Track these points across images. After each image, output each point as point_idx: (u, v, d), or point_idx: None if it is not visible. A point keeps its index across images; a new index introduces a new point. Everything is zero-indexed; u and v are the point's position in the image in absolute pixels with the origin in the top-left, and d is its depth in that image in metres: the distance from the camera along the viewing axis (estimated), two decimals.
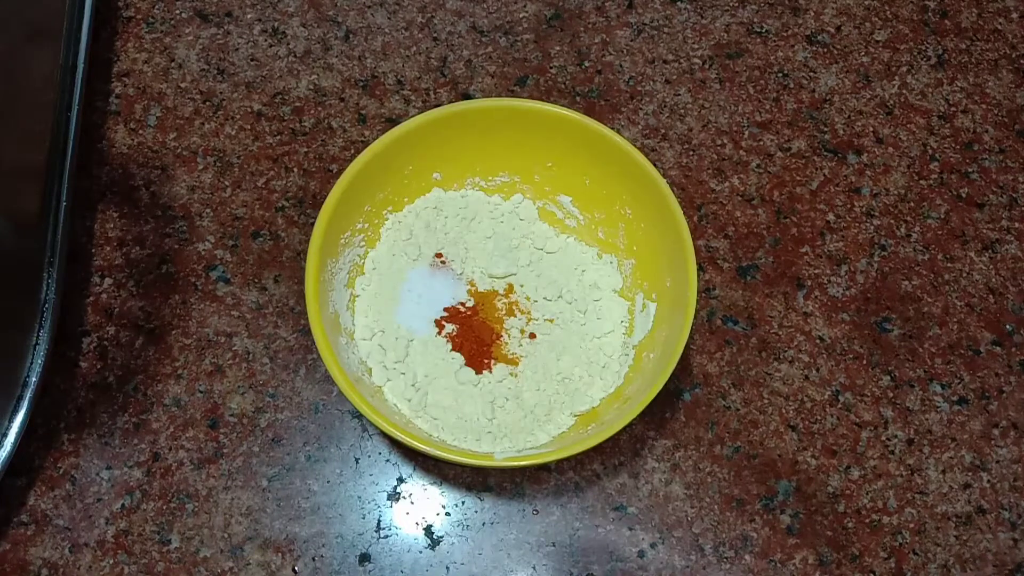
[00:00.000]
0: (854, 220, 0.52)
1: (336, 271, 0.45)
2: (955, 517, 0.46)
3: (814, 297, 0.50)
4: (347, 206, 0.44)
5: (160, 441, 0.45)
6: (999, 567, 0.45)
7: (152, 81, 0.54)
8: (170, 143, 0.52)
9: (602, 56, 0.55)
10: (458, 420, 0.44)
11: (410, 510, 0.45)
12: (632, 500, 0.45)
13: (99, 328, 0.48)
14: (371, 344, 0.45)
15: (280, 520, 0.44)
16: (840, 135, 0.54)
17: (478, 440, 0.43)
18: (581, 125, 0.45)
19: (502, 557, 0.44)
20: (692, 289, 0.42)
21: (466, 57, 0.55)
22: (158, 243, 0.50)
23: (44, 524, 0.44)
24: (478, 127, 0.47)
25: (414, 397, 0.44)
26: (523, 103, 0.46)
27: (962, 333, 0.49)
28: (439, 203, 0.49)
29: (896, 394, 0.48)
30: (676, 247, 0.43)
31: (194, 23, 0.55)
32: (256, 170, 0.52)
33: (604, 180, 0.47)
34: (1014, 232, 0.52)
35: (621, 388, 0.44)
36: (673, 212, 0.43)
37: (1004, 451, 0.47)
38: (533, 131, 0.47)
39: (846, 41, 0.57)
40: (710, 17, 0.57)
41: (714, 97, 0.54)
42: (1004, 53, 0.57)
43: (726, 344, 0.48)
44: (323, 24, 0.55)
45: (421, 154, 0.47)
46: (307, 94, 0.54)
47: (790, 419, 0.47)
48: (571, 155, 0.47)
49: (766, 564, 0.44)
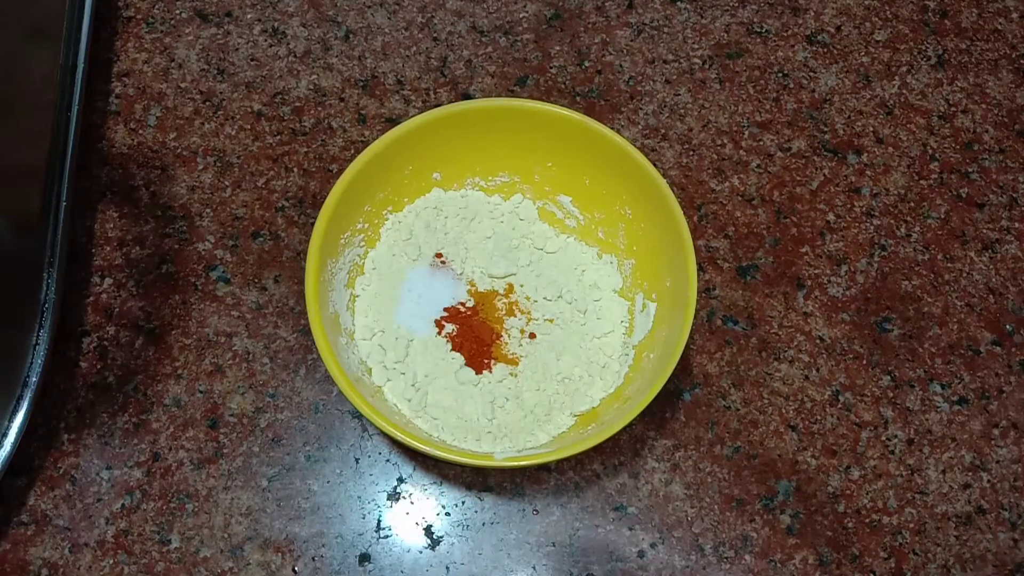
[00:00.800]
0: (854, 220, 0.52)
1: (336, 271, 0.45)
2: (955, 517, 0.46)
3: (814, 297, 0.50)
4: (347, 206, 0.44)
5: (160, 441, 0.45)
6: (999, 567, 0.45)
7: (152, 81, 0.54)
8: (170, 143, 0.52)
9: (602, 56, 0.55)
10: (458, 420, 0.44)
11: (410, 510, 0.45)
12: (632, 500, 0.45)
13: (99, 328, 0.48)
14: (371, 344, 0.45)
15: (280, 520, 0.44)
16: (840, 135, 0.54)
17: (478, 440, 0.43)
18: (581, 125, 0.45)
19: (502, 557, 0.44)
20: (692, 289, 0.42)
21: (466, 57, 0.55)
22: (158, 243, 0.50)
23: (44, 524, 0.44)
24: (478, 127, 0.47)
25: (414, 397, 0.44)
26: (523, 103, 0.46)
27: (962, 333, 0.49)
28: (439, 203, 0.49)
29: (896, 394, 0.48)
30: (676, 247, 0.43)
31: (194, 23, 0.55)
32: (256, 170, 0.52)
33: (604, 180, 0.47)
34: (1014, 232, 0.52)
35: (621, 388, 0.44)
36: (673, 212, 0.43)
37: (1004, 451, 0.47)
38: (533, 131, 0.47)
39: (846, 41, 0.57)
40: (710, 17, 0.57)
41: (714, 97, 0.54)
42: (1004, 53, 0.57)
43: (726, 344, 0.48)
44: (323, 24, 0.55)
45: (421, 154, 0.47)
46: (307, 94, 0.54)
47: (790, 419, 0.47)
48: (571, 155, 0.47)
49: (766, 564, 0.44)
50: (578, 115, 0.45)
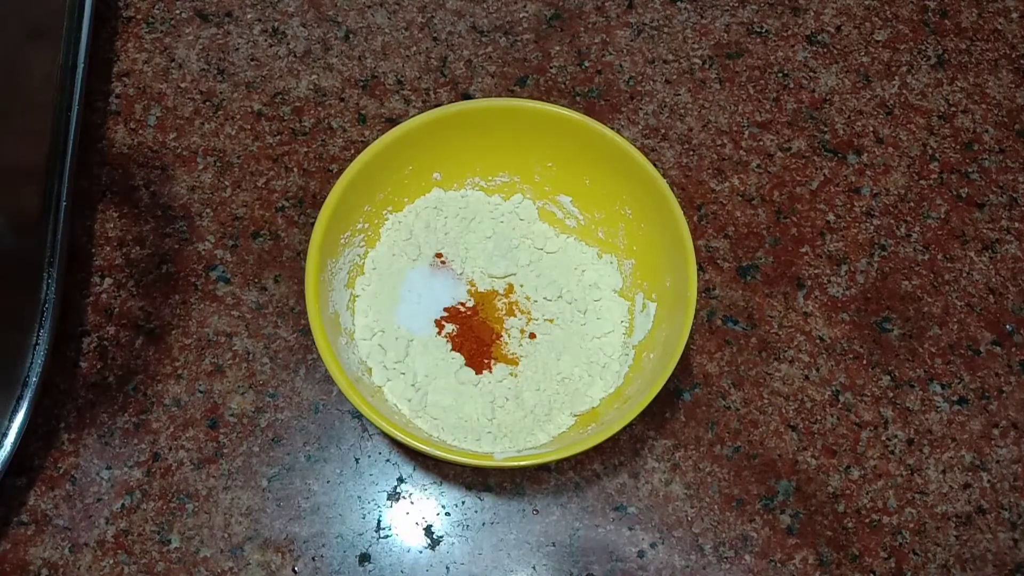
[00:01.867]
0: (854, 220, 0.52)
1: (336, 271, 0.45)
2: (955, 517, 0.46)
3: (814, 297, 0.50)
4: (347, 206, 0.44)
5: (160, 441, 0.45)
6: (999, 567, 0.45)
7: (152, 81, 0.54)
8: (170, 143, 0.52)
9: (602, 56, 0.55)
10: (458, 420, 0.44)
11: (410, 510, 0.45)
12: (632, 500, 0.45)
13: (99, 328, 0.48)
14: (371, 344, 0.45)
15: (280, 520, 0.44)
16: (840, 135, 0.54)
17: (478, 440, 0.43)
18: (581, 125, 0.45)
19: (502, 557, 0.44)
20: (692, 289, 0.42)
21: (466, 57, 0.55)
22: (158, 243, 0.50)
23: (44, 524, 0.44)
24: (478, 127, 0.47)
25: (414, 397, 0.44)
26: (523, 103, 0.46)
27: (962, 333, 0.49)
28: (439, 203, 0.49)
29: (896, 394, 0.48)
30: (676, 247, 0.43)
31: (194, 23, 0.55)
32: (256, 170, 0.52)
33: (604, 180, 0.47)
34: (1014, 232, 0.52)
35: (621, 388, 0.44)
36: (673, 212, 0.43)
37: (1004, 451, 0.47)
38: (533, 131, 0.47)
39: (846, 41, 0.57)
40: (710, 17, 0.57)
41: (714, 97, 0.54)
42: (1004, 53, 0.57)
43: (726, 344, 0.48)
44: (323, 24, 0.55)
45: (421, 154, 0.47)
46: (307, 94, 0.54)
47: (790, 419, 0.47)
48: (571, 155, 0.47)
49: (766, 564, 0.44)
50: (578, 115, 0.45)
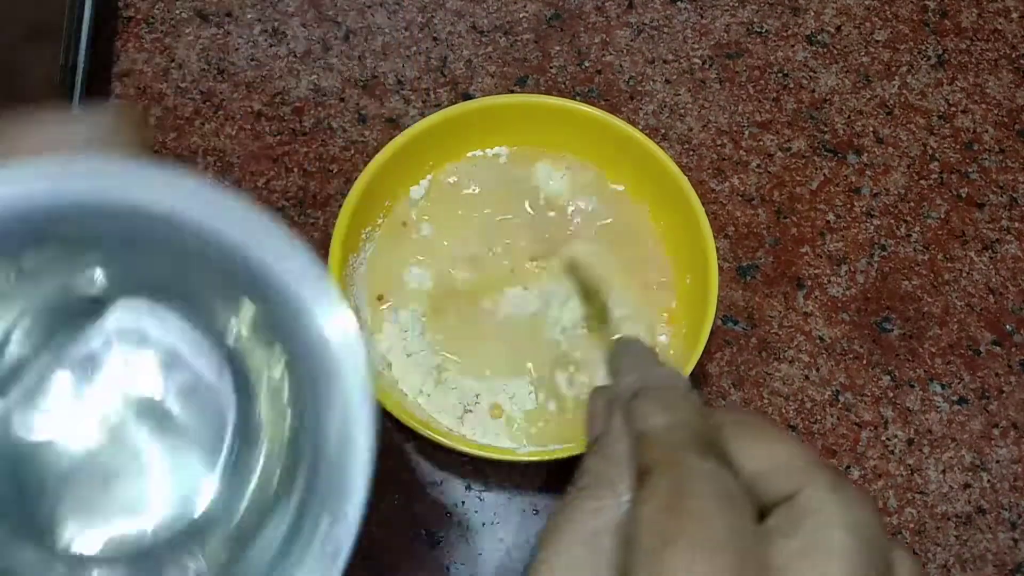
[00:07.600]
0: (854, 220, 0.52)
1: (357, 266, 0.45)
2: (955, 517, 0.46)
3: (814, 297, 0.50)
4: (369, 200, 0.45)
5: None
6: (999, 567, 0.45)
7: (152, 81, 0.54)
8: (170, 143, 0.52)
9: (602, 56, 0.55)
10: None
11: (410, 510, 0.45)
12: None
13: None
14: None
15: None
16: (840, 135, 0.54)
17: (497, 435, 0.43)
18: (607, 123, 0.46)
19: (502, 557, 0.44)
20: (712, 288, 0.42)
21: (466, 57, 0.55)
22: None
23: None
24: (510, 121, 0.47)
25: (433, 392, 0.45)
26: (540, 99, 0.47)
27: (962, 333, 0.49)
28: None
29: (896, 394, 0.48)
30: (696, 246, 0.43)
31: (194, 23, 0.55)
32: (256, 170, 0.52)
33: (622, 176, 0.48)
34: (1014, 232, 0.52)
35: None
36: (693, 207, 0.44)
37: (1004, 451, 0.47)
38: (558, 127, 0.47)
39: (846, 41, 0.57)
40: (710, 17, 0.57)
41: (714, 97, 0.54)
42: (1004, 53, 0.57)
43: (726, 344, 0.48)
44: (323, 24, 0.55)
45: (437, 150, 0.47)
46: (307, 94, 0.54)
47: (790, 419, 0.47)
48: (593, 151, 0.48)
49: None
50: (600, 111, 0.46)
